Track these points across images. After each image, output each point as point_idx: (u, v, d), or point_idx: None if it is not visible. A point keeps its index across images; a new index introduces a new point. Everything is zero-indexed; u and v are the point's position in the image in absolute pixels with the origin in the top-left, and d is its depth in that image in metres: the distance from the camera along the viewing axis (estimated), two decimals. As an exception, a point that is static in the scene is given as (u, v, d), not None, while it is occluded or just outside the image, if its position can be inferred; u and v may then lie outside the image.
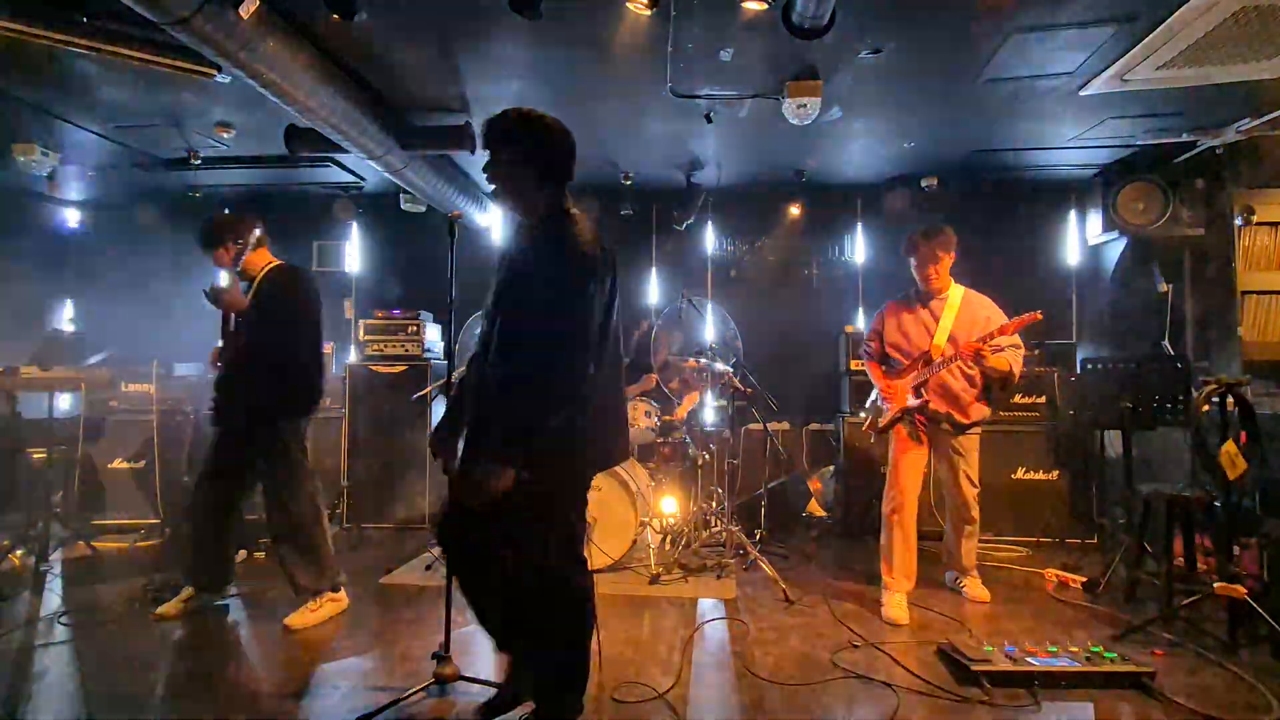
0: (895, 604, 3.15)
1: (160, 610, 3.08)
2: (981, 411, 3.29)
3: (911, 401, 3.26)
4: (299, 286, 3.08)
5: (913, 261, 3.36)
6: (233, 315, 3.02)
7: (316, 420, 4.89)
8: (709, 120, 4.01)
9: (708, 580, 3.65)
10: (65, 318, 4.20)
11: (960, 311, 3.30)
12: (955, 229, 3.34)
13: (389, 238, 5.94)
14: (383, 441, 4.91)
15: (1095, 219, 5.01)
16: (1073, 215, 5.38)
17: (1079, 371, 4.10)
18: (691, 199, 5.43)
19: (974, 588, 3.41)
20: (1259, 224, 4.39)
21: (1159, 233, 4.57)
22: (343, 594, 3.17)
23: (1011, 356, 3.16)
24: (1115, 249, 5.05)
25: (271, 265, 3.13)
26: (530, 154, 1.91)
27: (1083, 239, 5.30)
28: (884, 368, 3.47)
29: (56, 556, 3.91)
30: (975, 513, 3.33)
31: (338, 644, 2.83)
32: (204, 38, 2.67)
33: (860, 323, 5.46)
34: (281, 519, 3.05)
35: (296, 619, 2.99)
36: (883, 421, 3.35)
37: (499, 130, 1.91)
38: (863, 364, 3.61)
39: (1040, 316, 3.08)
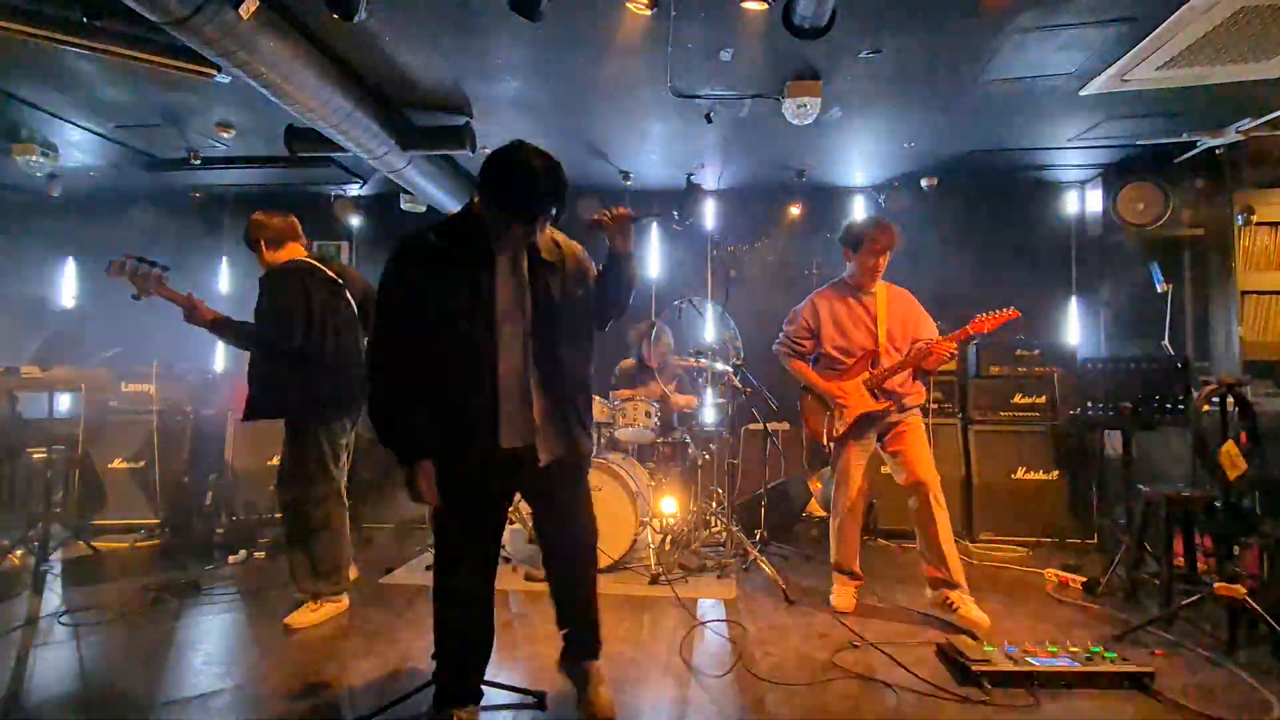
0: (847, 595, 3.27)
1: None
2: (922, 392, 3.27)
3: (873, 405, 3.14)
4: (277, 287, 2.94)
5: (868, 250, 3.15)
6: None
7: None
8: (709, 120, 4.01)
9: (708, 580, 3.65)
10: (68, 296, 4.17)
11: (890, 307, 3.23)
12: (955, 228, 3.33)
13: (389, 238, 5.94)
14: (383, 441, 4.90)
15: (1095, 219, 5.01)
16: (1073, 216, 5.38)
17: (1079, 371, 4.11)
18: (691, 199, 5.43)
19: (967, 608, 3.00)
20: (1259, 224, 4.39)
21: (1159, 233, 4.57)
22: (344, 597, 3.16)
23: None
24: (1115, 249, 5.05)
25: (275, 264, 3.05)
26: None
27: (1083, 239, 5.30)
28: (814, 368, 3.32)
29: (56, 556, 3.91)
30: (939, 496, 3.07)
31: (338, 644, 2.83)
32: (204, 38, 2.67)
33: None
34: (290, 519, 3.05)
35: (296, 618, 2.99)
36: (842, 428, 3.20)
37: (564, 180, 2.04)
38: (785, 361, 3.38)
39: (1019, 314, 3.03)
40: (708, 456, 4.34)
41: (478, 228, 2.04)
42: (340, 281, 3.10)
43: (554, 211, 2.02)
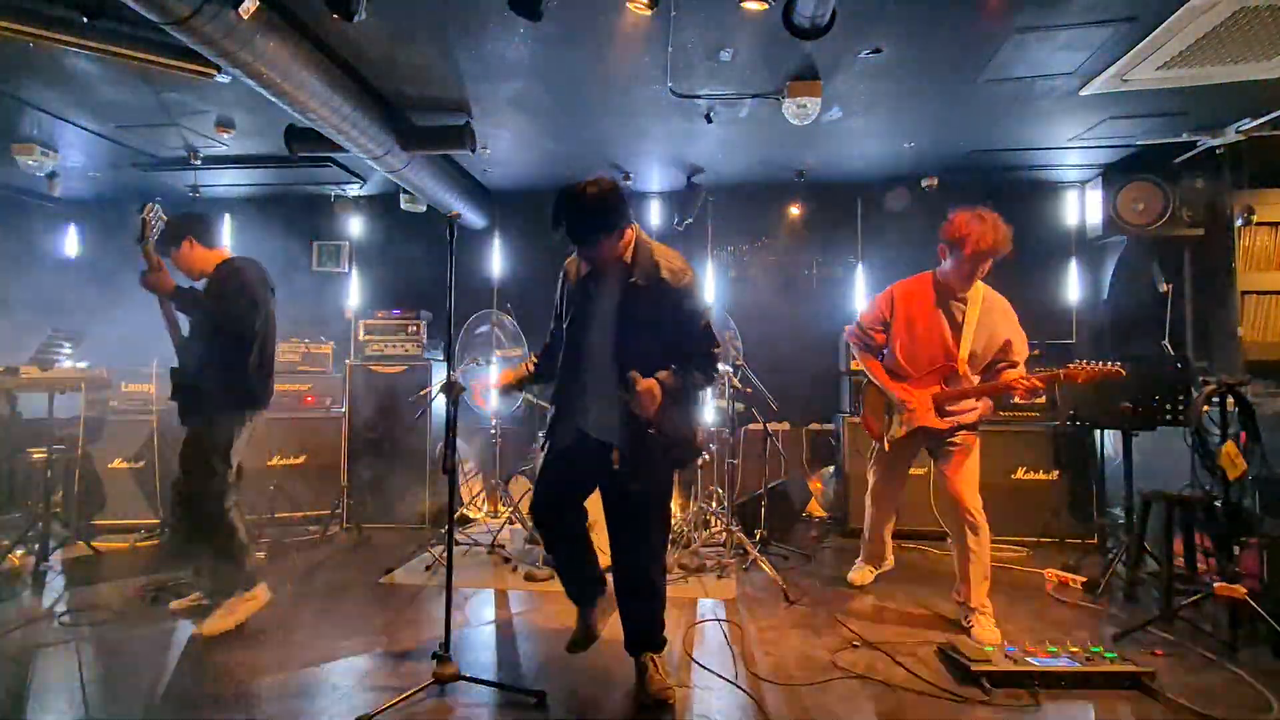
0: (863, 572, 3.47)
1: (173, 605, 3.18)
2: (983, 407, 3.05)
3: (938, 423, 2.96)
4: (244, 277, 3.02)
5: (973, 252, 2.79)
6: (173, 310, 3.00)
7: (317, 420, 4.96)
8: (709, 120, 4.01)
9: (708, 580, 3.65)
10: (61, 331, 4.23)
11: (981, 320, 2.92)
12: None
13: (389, 238, 5.94)
14: (383, 441, 4.91)
15: (1095, 219, 5.01)
16: (1073, 216, 5.38)
17: (1079, 371, 4.10)
18: (691, 199, 5.43)
19: (980, 629, 2.87)
20: (1259, 224, 4.39)
21: (1159, 233, 4.57)
22: (259, 591, 3.03)
23: None
24: (1115, 249, 5.05)
25: (221, 261, 3.10)
26: (623, 216, 2.27)
27: (1083, 239, 5.30)
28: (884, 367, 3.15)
29: (56, 556, 3.91)
30: (974, 519, 2.93)
31: (338, 644, 2.83)
32: (204, 38, 2.66)
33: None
34: (191, 514, 3.00)
35: (209, 625, 2.88)
36: (901, 433, 3.06)
37: (602, 209, 2.22)
38: (857, 358, 3.17)
39: (1123, 374, 2.78)
40: (708, 456, 4.33)
41: None
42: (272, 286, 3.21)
43: (582, 238, 2.24)
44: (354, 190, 5.70)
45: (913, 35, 3.20)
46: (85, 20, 2.95)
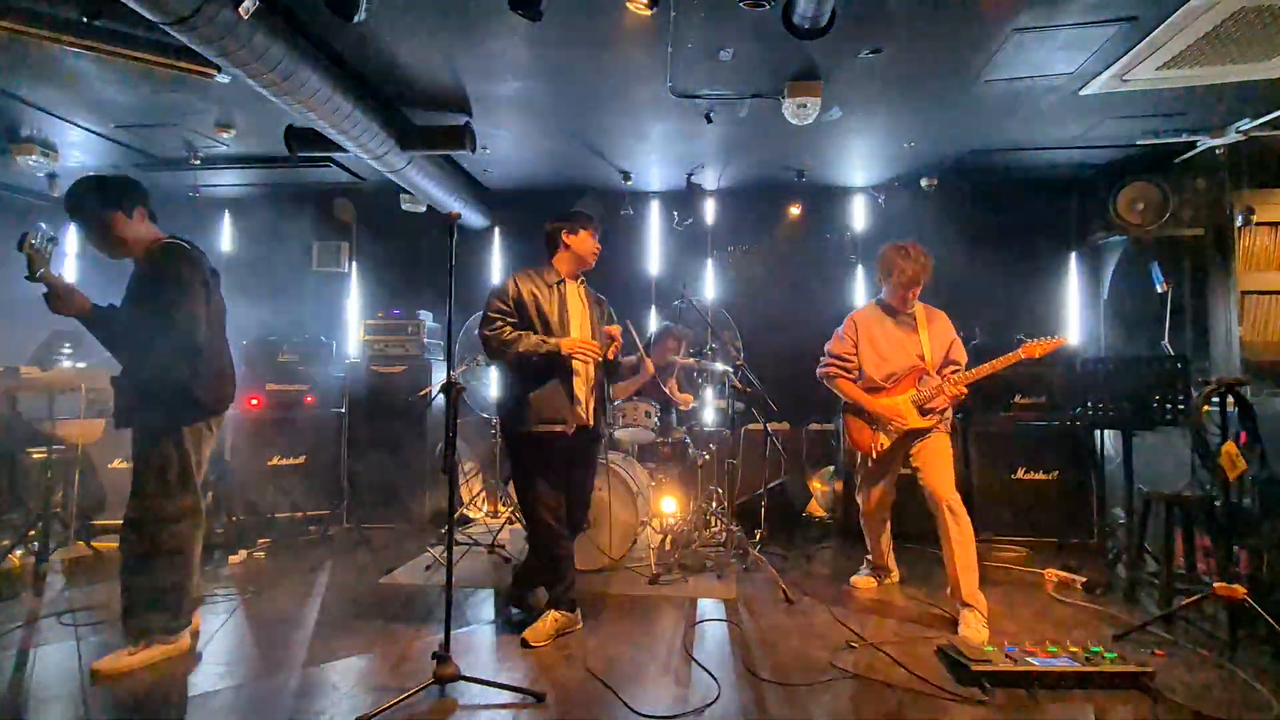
0: (867, 579, 3.58)
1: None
2: (947, 400, 3.21)
3: (921, 422, 3.17)
4: (181, 266, 2.58)
5: (901, 280, 3.18)
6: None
7: (317, 420, 4.96)
8: (709, 120, 4.01)
9: (708, 580, 3.65)
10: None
11: (930, 327, 3.28)
12: (955, 229, 3.32)
13: (389, 238, 5.95)
14: (383, 441, 4.91)
15: (1095, 219, 5.01)
16: (1073, 215, 5.39)
17: (1079, 371, 4.11)
18: (691, 199, 5.43)
19: (966, 627, 2.90)
20: (1259, 224, 4.39)
21: (1159, 233, 4.57)
22: (183, 638, 2.68)
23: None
24: (1115, 249, 5.06)
25: (156, 242, 2.67)
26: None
27: (1083, 239, 5.30)
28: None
29: (56, 556, 3.91)
30: (954, 509, 2.99)
31: (338, 644, 2.83)
32: (204, 38, 2.67)
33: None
34: (133, 538, 2.56)
35: (107, 662, 2.50)
36: (889, 443, 3.26)
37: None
38: (831, 382, 3.39)
39: (1066, 342, 3.12)
40: (708, 456, 4.33)
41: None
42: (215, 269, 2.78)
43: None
44: (354, 190, 5.70)
45: (913, 35, 3.20)
46: (85, 20, 2.95)
